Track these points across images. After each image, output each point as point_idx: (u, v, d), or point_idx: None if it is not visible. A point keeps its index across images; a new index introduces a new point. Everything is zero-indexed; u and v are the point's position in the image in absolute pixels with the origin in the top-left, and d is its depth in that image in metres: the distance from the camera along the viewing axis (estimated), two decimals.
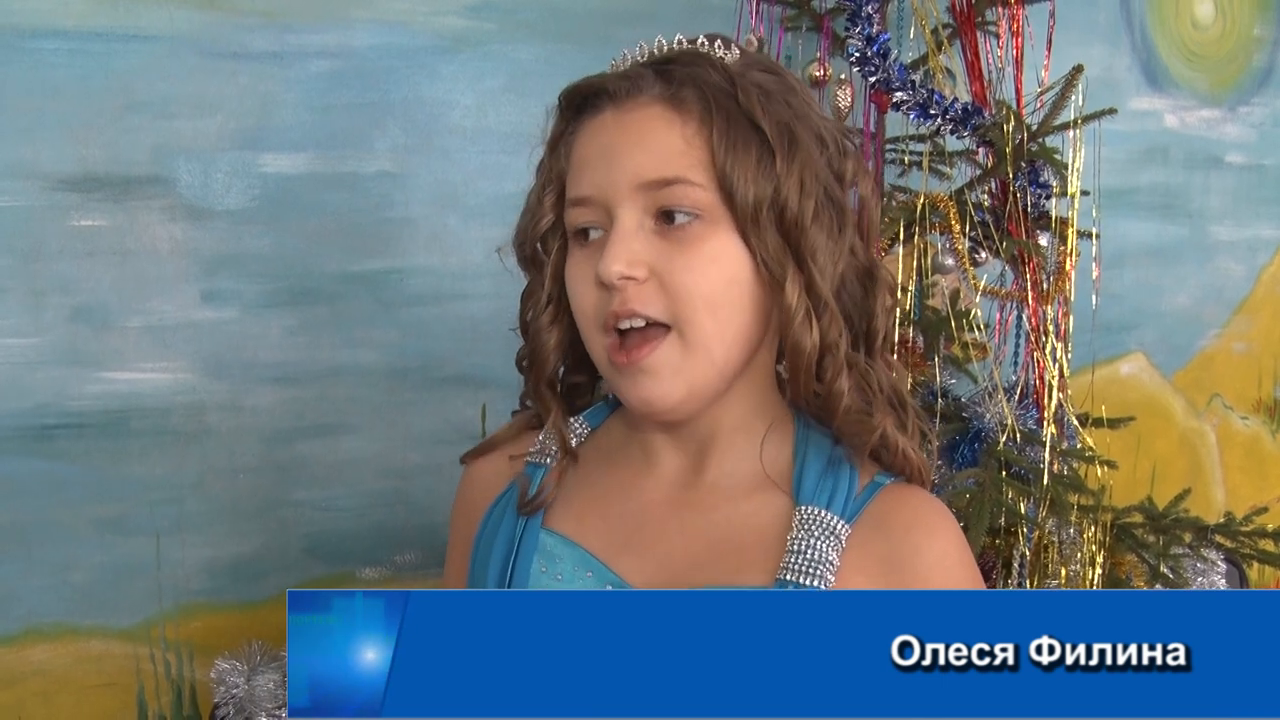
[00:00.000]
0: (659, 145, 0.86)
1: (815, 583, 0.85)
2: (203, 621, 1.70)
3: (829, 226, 0.89)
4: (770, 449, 0.93)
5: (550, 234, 0.94)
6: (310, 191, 1.68)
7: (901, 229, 1.52)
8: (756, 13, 1.64)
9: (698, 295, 0.85)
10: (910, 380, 1.56)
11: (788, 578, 0.86)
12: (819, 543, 0.86)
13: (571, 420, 0.99)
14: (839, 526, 0.88)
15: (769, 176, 0.86)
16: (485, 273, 1.78)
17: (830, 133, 0.92)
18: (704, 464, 0.93)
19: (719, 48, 0.90)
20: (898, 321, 1.51)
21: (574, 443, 0.98)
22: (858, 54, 1.47)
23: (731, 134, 0.85)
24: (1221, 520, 1.68)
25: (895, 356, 1.50)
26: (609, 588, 0.90)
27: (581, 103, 0.91)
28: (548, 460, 0.97)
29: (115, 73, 1.57)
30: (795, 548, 0.87)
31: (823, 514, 0.88)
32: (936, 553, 0.89)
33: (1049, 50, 1.64)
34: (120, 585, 1.65)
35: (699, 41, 0.91)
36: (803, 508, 0.89)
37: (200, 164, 1.63)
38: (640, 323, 0.86)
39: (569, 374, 1.00)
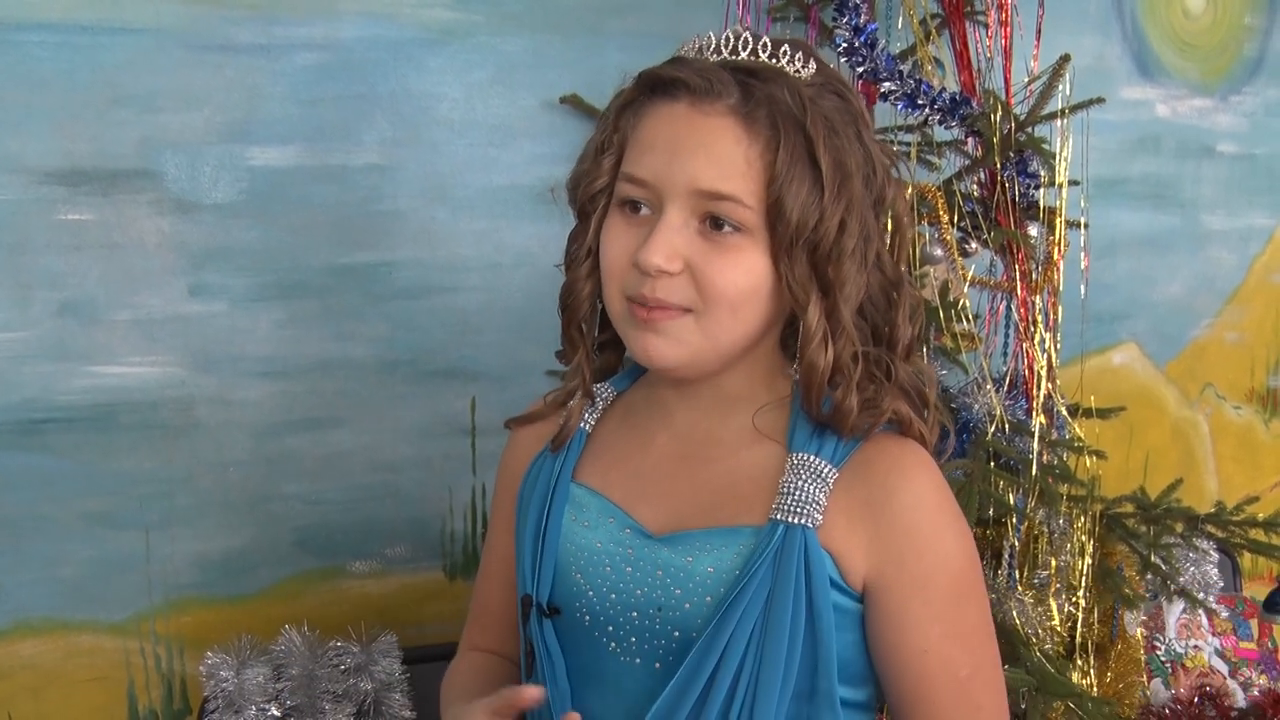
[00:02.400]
0: (723, 158, 0.92)
1: (803, 520, 0.94)
2: (193, 615, 1.70)
3: (860, 259, 0.96)
4: (769, 414, 1.02)
5: (601, 193, 1.00)
6: (298, 184, 1.68)
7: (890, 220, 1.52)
8: (744, 3, 1.64)
9: (725, 296, 0.94)
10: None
11: (778, 517, 0.95)
12: (808, 484, 0.95)
13: (599, 385, 1.10)
14: (826, 470, 0.96)
15: (814, 210, 0.92)
16: (474, 265, 1.78)
17: (880, 160, 0.98)
18: (711, 423, 1.03)
19: (798, 60, 0.95)
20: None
21: (600, 405, 1.10)
22: (845, 44, 1.46)
23: (792, 167, 0.92)
24: (1212, 510, 1.68)
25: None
26: (628, 531, 1.01)
27: (659, 85, 0.96)
28: (581, 423, 1.09)
29: (101, 66, 1.57)
30: (786, 489, 0.96)
31: (812, 459, 0.97)
32: (911, 495, 0.96)
33: (1038, 40, 1.64)
34: (110, 579, 1.65)
35: (782, 49, 0.95)
36: (795, 455, 0.98)
37: (187, 157, 1.62)
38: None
39: (601, 331, 1.08)
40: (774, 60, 0.95)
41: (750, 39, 0.96)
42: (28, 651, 1.63)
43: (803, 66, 0.95)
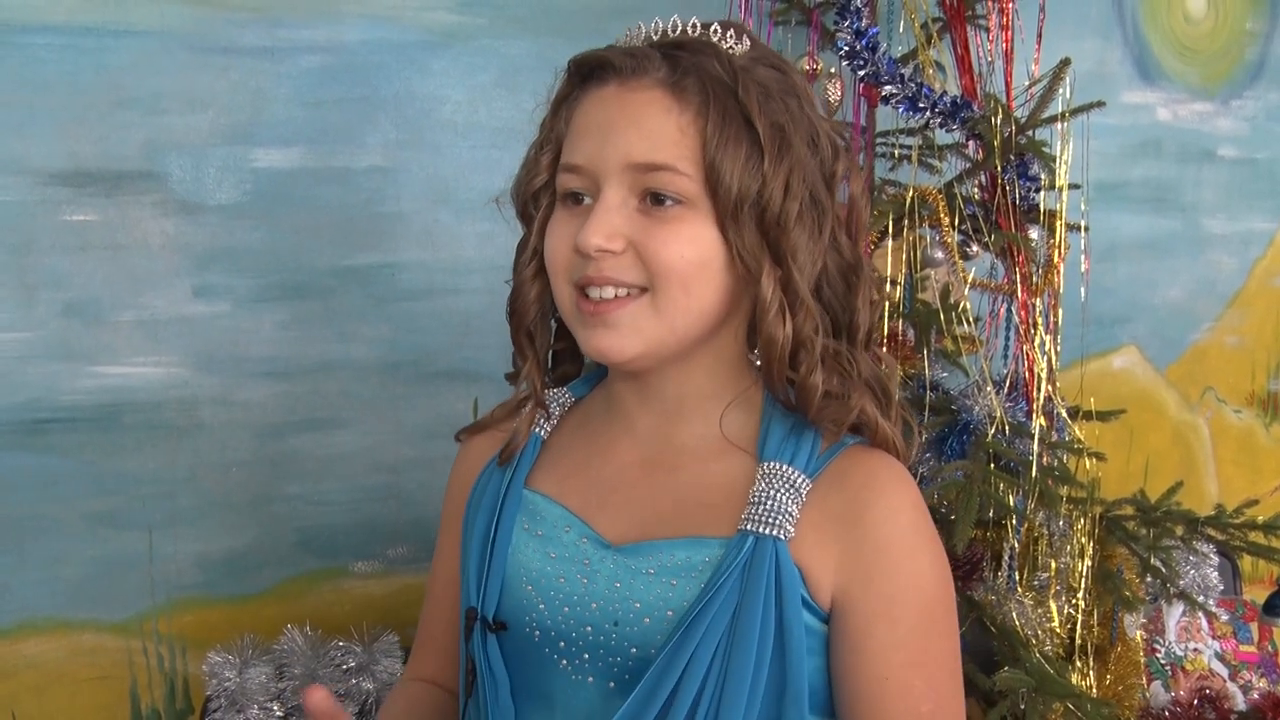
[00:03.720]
0: (654, 129, 0.89)
1: (774, 532, 0.89)
2: (195, 615, 1.70)
3: (811, 227, 0.92)
4: (737, 416, 0.97)
5: (542, 191, 0.97)
6: (301, 186, 1.68)
7: (891, 223, 1.53)
8: (746, 7, 1.65)
9: (672, 269, 0.89)
10: (901, 373, 1.56)
11: (748, 528, 0.90)
12: (779, 494, 0.90)
13: (556, 390, 1.05)
14: (799, 480, 0.91)
15: (755, 175, 0.89)
16: (477, 267, 1.79)
17: (825, 134, 0.94)
18: (675, 428, 0.98)
19: (730, 38, 0.92)
20: (888, 315, 1.52)
21: (558, 411, 1.04)
22: (847, 48, 1.47)
23: (725, 130, 0.88)
24: (1212, 513, 1.68)
25: (885, 349, 1.52)
26: (585, 541, 0.95)
27: (589, 72, 0.94)
28: (534, 428, 1.04)
29: (106, 68, 1.58)
30: (756, 499, 0.91)
31: (785, 469, 0.92)
32: (884, 509, 0.91)
33: (1039, 43, 1.64)
34: (113, 579, 1.66)
35: (712, 28, 0.93)
36: (766, 464, 0.92)
37: (191, 159, 1.63)
38: (611, 293, 0.90)
39: (556, 340, 1.04)
40: (703, 36, 0.92)
41: (680, 22, 0.93)
42: (31, 650, 1.63)
43: (736, 43, 0.92)
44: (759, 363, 0.95)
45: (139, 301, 1.63)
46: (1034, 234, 1.53)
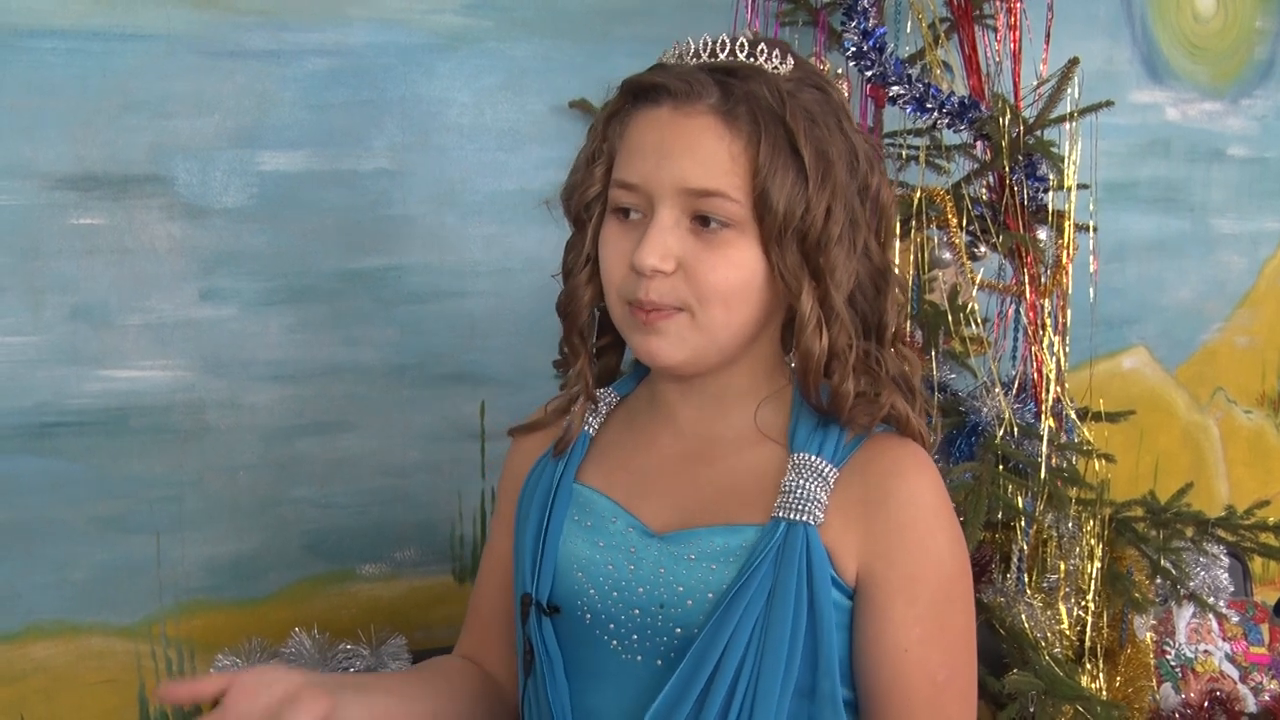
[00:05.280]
0: (708, 156, 0.95)
1: (805, 518, 0.96)
2: (203, 619, 1.70)
3: (848, 245, 0.98)
4: (769, 410, 1.04)
5: (595, 201, 1.03)
6: (308, 189, 1.68)
7: (899, 224, 1.52)
8: (752, 8, 1.64)
9: (716, 291, 0.96)
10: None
11: (781, 515, 0.97)
12: (809, 483, 0.98)
13: (603, 390, 1.13)
14: (828, 470, 0.99)
15: (800, 200, 0.95)
16: (483, 270, 1.79)
17: (863, 149, 1.01)
18: (714, 422, 1.05)
19: (775, 57, 0.97)
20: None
21: (605, 409, 1.12)
22: (854, 48, 1.47)
23: (774, 159, 0.94)
24: (1222, 514, 1.68)
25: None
26: (631, 530, 1.03)
27: (641, 92, 0.99)
28: (584, 427, 1.11)
29: (113, 72, 1.58)
30: (788, 488, 0.98)
31: (813, 459, 0.99)
32: (906, 494, 0.98)
33: (1047, 43, 1.64)
34: (121, 583, 1.66)
35: (759, 48, 0.97)
36: (796, 454, 1.00)
37: (198, 162, 1.63)
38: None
39: (599, 337, 1.12)
40: (751, 59, 0.97)
41: (727, 40, 0.98)
42: (39, 654, 1.63)
43: (780, 63, 0.98)
44: (793, 365, 1.01)
45: (146, 305, 1.63)
46: (1042, 234, 1.53)
